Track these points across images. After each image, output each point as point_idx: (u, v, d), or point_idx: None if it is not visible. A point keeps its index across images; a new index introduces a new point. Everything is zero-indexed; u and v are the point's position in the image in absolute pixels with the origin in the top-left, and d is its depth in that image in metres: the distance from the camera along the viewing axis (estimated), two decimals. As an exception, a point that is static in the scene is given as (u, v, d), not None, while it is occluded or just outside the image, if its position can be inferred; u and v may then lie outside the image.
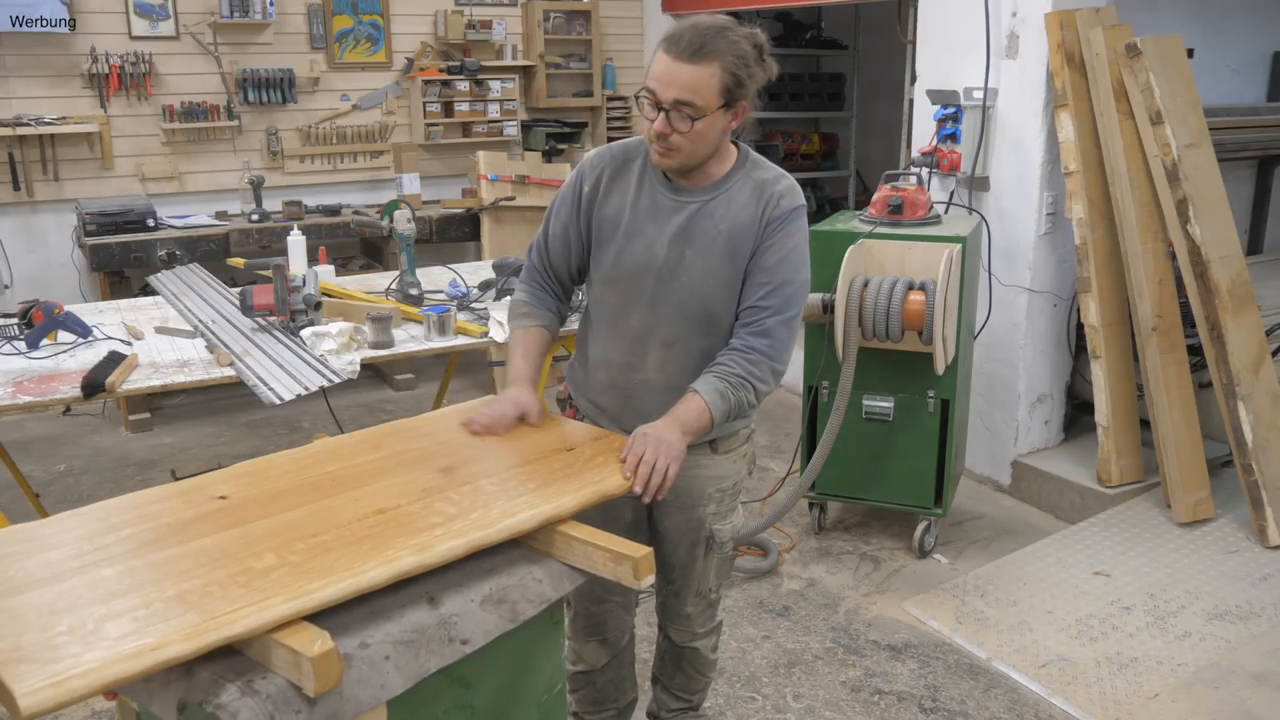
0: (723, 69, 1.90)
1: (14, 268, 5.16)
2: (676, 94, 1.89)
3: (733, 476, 2.25)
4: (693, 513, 2.22)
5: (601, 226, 2.12)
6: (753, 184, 2.05)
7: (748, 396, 2.01)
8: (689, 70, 1.88)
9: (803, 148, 7.08)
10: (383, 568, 1.50)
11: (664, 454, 1.87)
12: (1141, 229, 3.80)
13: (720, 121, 1.96)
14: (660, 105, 1.91)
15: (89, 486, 4.39)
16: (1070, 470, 4.13)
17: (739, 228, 2.03)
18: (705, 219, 2.04)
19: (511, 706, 1.69)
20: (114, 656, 1.27)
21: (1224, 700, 2.87)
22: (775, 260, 2.02)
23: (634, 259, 2.08)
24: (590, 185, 2.13)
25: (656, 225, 2.06)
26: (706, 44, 1.88)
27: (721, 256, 2.04)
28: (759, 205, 2.03)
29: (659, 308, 2.08)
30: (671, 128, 1.92)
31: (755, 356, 2.01)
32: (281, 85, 5.53)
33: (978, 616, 3.31)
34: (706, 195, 2.05)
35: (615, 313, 2.14)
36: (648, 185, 2.09)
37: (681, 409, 1.97)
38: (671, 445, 1.90)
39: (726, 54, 1.90)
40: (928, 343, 3.31)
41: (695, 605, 2.35)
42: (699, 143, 1.95)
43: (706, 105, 1.91)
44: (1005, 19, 3.98)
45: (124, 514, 1.67)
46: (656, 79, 1.91)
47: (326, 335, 3.17)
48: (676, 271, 2.05)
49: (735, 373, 2.00)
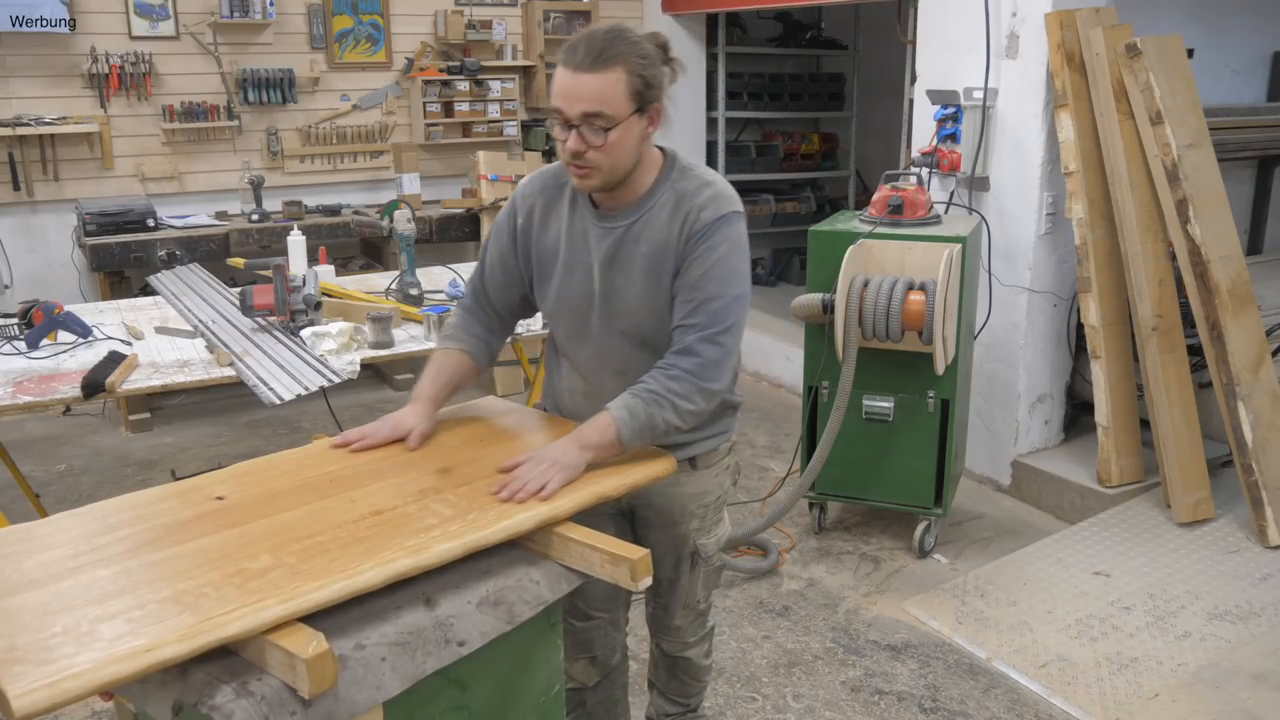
0: (628, 72, 1.81)
1: (14, 268, 5.17)
2: (584, 106, 1.80)
3: (715, 491, 2.21)
4: (675, 529, 2.19)
5: (541, 259, 2.05)
6: (675, 198, 1.95)
7: (664, 415, 1.90)
8: (592, 79, 1.79)
9: (803, 148, 7.06)
10: (379, 569, 1.49)
11: (542, 473, 1.79)
12: (1141, 229, 3.79)
13: (635, 128, 1.86)
14: (570, 123, 1.82)
15: (89, 486, 4.39)
16: (1070, 470, 4.13)
17: (657, 248, 1.94)
18: (630, 243, 1.96)
19: (508, 708, 1.69)
20: (108, 658, 1.27)
21: (1224, 700, 2.87)
22: (697, 276, 1.92)
23: (573, 291, 2.02)
24: (524, 218, 2.06)
25: (589, 254, 1.99)
26: (605, 50, 1.79)
27: (644, 280, 1.95)
28: (676, 221, 1.93)
29: (603, 338, 2.03)
30: (586, 144, 1.82)
31: (676, 373, 1.91)
32: (281, 85, 5.53)
33: (978, 616, 3.31)
34: (631, 217, 1.96)
35: (566, 345, 2.11)
36: (579, 212, 2.01)
37: (587, 425, 1.90)
38: (558, 463, 1.82)
39: (629, 56, 1.81)
40: (928, 343, 3.31)
41: (684, 617, 2.33)
42: (617, 155, 1.86)
43: (617, 113, 1.81)
44: (1005, 19, 3.98)
45: (121, 514, 1.67)
46: (560, 95, 1.81)
47: (326, 335, 3.17)
48: (611, 300, 1.99)
49: (651, 389, 1.91)
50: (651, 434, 1.92)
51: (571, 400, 2.16)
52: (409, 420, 1.99)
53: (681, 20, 6.33)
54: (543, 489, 1.76)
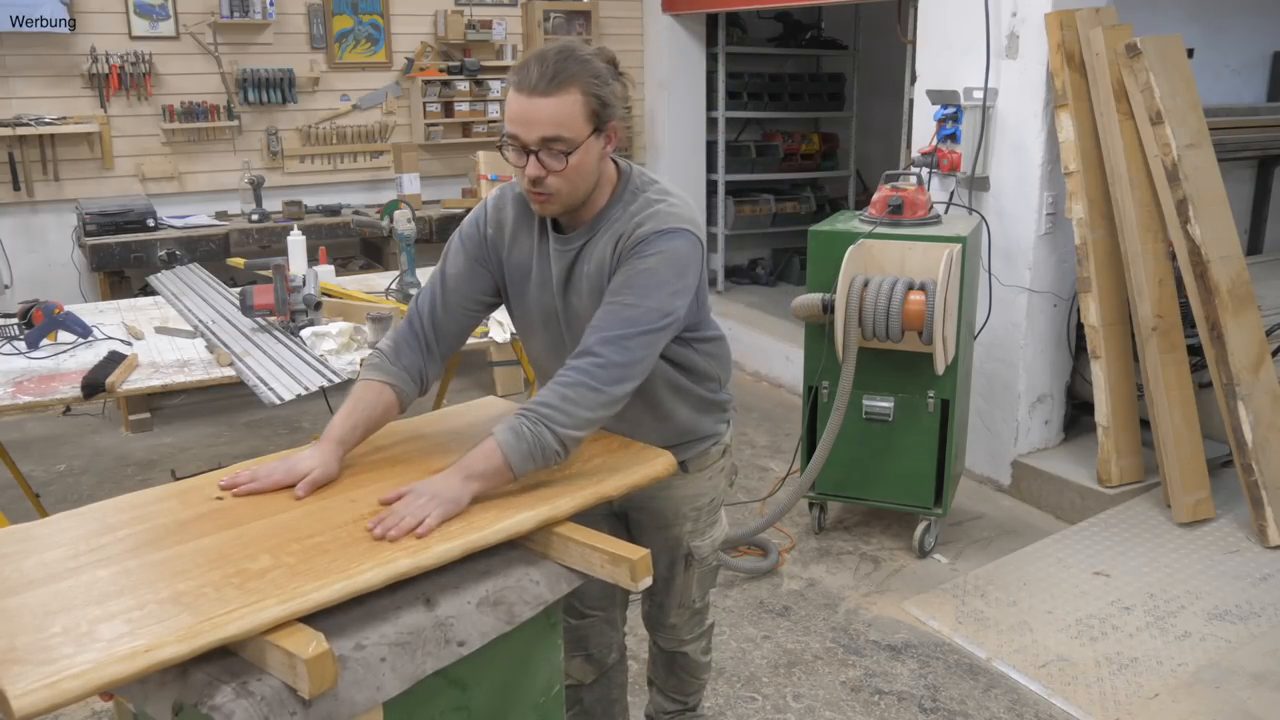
0: (583, 93, 1.76)
1: (14, 268, 5.17)
2: (542, 131, 1.75)
3: (709, 493, 2.19)
4: (669, 532, 2.18)
5: (514, 275, 2.01)
6: (624, 215, 1.89)
7: (557, 430, 1.75)
8: (548, 104, 1.74)
9: (803, 148, 7.06)
10: (378, 569, 1.49)
11: (419, 508, 1.64)
12: (1141, 229, 3.79)
13: (594, 149, 1.81)
14: (527, 148, 1.77)
15: (89, 486, 4.39)
16: (1070, 470, 4.13)
17: (598, 267, 1.90)
18: (582, 262, 1.92)
19: (508, 708, 1.69)
20: (108, 658, 1.27)
21: (1224, 700, 2.87)
22: (619, 283, 1.84)
23: (544, 309, 1.99)
24: (494, 230, 2.01)
25: (551, 273, 1.96)
26: (559, 72, 1.74)
27: (589, 298, 1.91)
28: (616, 238, 1.88)
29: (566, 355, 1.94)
30: (545, 169, 1.78)
31: (569, 378, 1.79)
32: (281, 85, 5.53)
33: (978, 616, 3.31)
34: (584, 237, 1.92)
35: (545, 362, 2.07)
36: (543, 231, 1.97)
37: (471, 454, 1.75)
38: (437, 497, 1.66)
39: (583, 76, 1.76)
40: (928, 343, 3.31)
41: (679, 616, 2.33)
42: (577, 179, 1.81)
43: (576, 135, 1.76)
44: (1005, 19, 3.98)
45: (120, 515, 1.67)
46: (516, 121, 1.76)
47: (326, 335, 3.17)
48: (571, 320, 1.97)
49: (542, 402, 1.78)
50: (543, 455, 1.75)
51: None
52: (306, 464, 1.78)
53: (681, 20, 6.33)
54: (419, 525, 1.61)
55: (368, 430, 1.90)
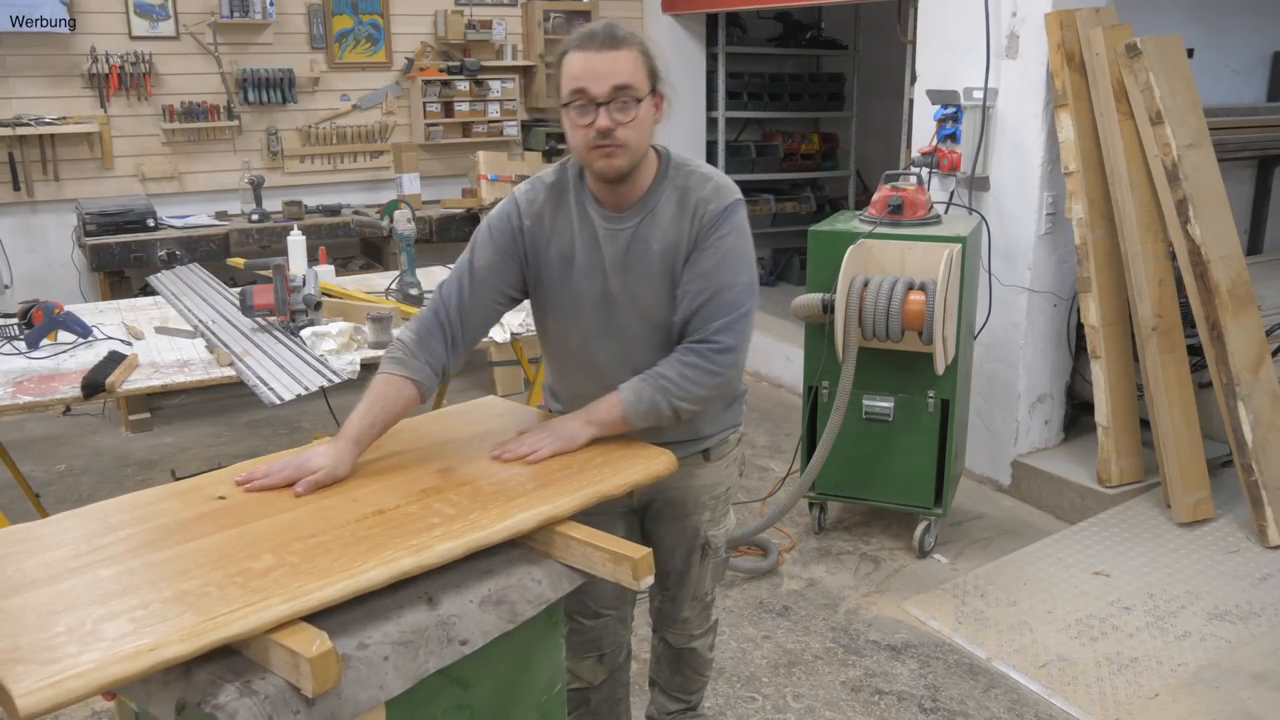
0: (640, 53, 1.89)
1: (14, 268, 5.17)
2: (613, 80, 1.84)
3: (725, 482, 2.24)
4: (687, 521, 2.21)
5: (552, 263, 2.03)
6: (677, 195, 1.98)
7: (672, 401, 1.94)
8: (615, 56, 1.85)
9: (803, 148, 7.07)
10: (381, 568, 1.49)
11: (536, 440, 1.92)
12: (1141, 229, 3.79)
13: (650, 111, 1.91)
14: (596, 101, 1.85)
15: (89, 486, 4.39)
16: (1070, 470, 4.13)
17: (669, 245, 1.97)
18: (639, 242, 1.98)
19: (510, 707, 1.69)
20: (112, 657, 1.27)
21: (1224, 700, 2.87)
22: (710, 265, 1.96)
23: (590, 293, 2.01)
24: (531, 221, 2.03)
25: (601, 255, 2.00)
26: (617, 34, 1.88)
27: (661, 276, 1.99)
28: (685, 216, 1.97)
29: (622, 338, 2.03)
30: (614, 120, 1.85)
31: (692, 359, 1.96)
32: (281, 85, 5.53)
33: (978, 616, 3.31)
34: (636, 216, 1.98)
35: (580, 349, 2.08)
36: (585, 216, 2.01)
37: (596, 403, 1.99)
38: (561, 432, 1.94)
39: (637, 41, 1.91)
40: (928, 343, 3.31)
41: (691, 609, 2.35)
42: (641, 132, 1.89)
43: (641, 87, 1.87)
44: (1005, 19, 3.98)
45: (122, 514, 1.67)
46: (586, 77, 1.85)
47: (326, 335, 3.17)
48: (627, 300, 2.00)
49: (663, 374, 1.96)
50: (656, 417, 1.96)
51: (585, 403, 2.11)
52: (316, 462, 1.80)
53: (681, 20, 6.33)
54: (532, 453, 1.88)
55: (384, 428, 1.93)
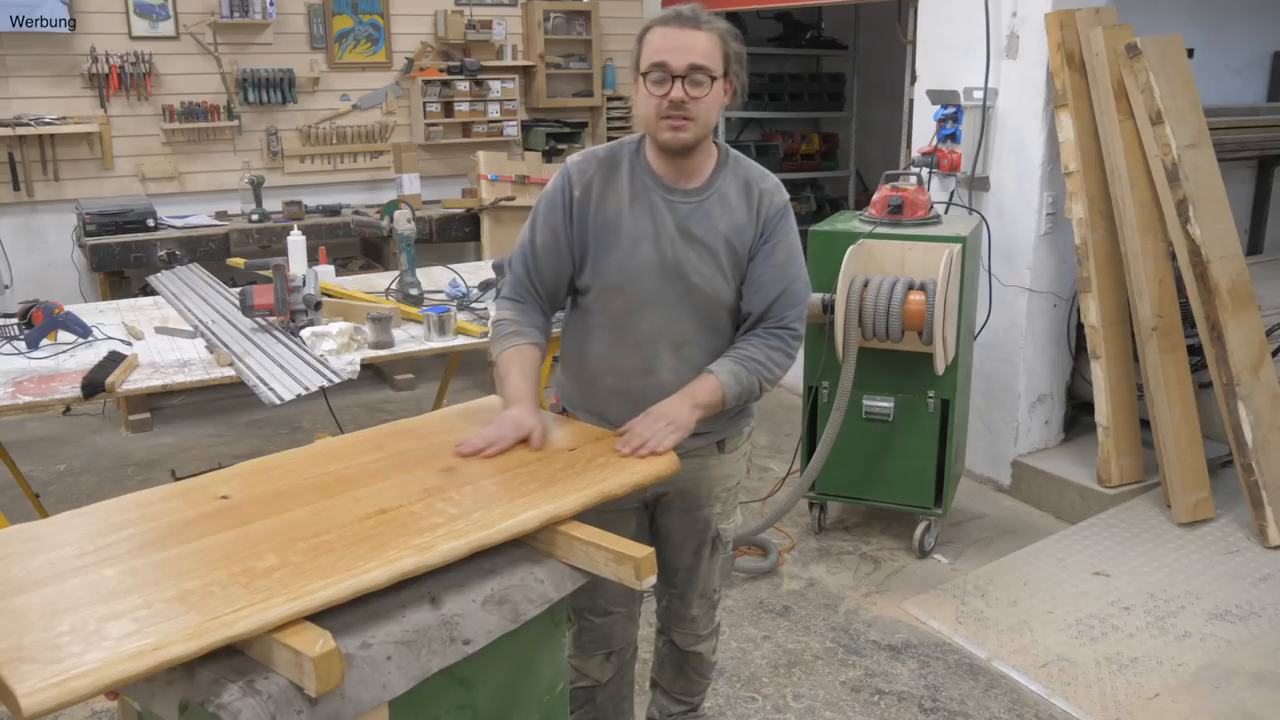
0: (720, 38, 1.96)
1: (14, 268, 5.16)
2: (691, 58, 1.91)
3: (736, 475, 2.28)
4: (699, 513, 2.23)
5: (601, 232, 2.07)
6: (740, 182, 2.08)
7: (760, 381, 2.06)
8: (700, 35, 1.93)
9: (803, 148, 7.07)
10: (384, 568, 1.49)
11: (660, 430, 1.94)
12: (1141, 229, 3.80)
13: (721, 92, 1.99)
14: (673, 74, 1.92)
15: (89, 486, 4.39)
16: (1070, 470, 4.13)
17: (737, 226, 2.06)
18: (704, 218, 2.05)
19: (513, 707, 1.69)
20: (115, 656, 1.27)
21: (1224, 700, 2.87)
22: (784, 258, 2.08)
23: (640, 262, 2.05)
24: (581, 191, 2.08)
25: (657, 226, 2.05)
26: (702, 16, 1.95)
27: (726, 255, 2.06)
28: (751, 204, 2.07)
29: (669, 310, 2.07)
30: (688, 94, 1.92)
31: (776, 343, 2.08)
32: (281, 85, 5.53)
33: (978, 616, 3.31)
34: (703, 194, 2.06)
35: (622, 318, 2.10)
36: (642, 186, 2.06)
37: (695, 386, 2.03)
38: (676, 420, 1.96)
39: (721, 25, 1.97)
40: (928, 343, 3.31)
41: (700, 607, 2.35)
42: (710, 111, 1.97)
43: (715, 68, 1.94)
44: (1005, 19, 3.99)
45: (125, 514, 1.67)
46: (667, 50, 1.92)
47: (326, 335, 3.17)
48: (684, 272, 2.05)
49: (753, 357, 2.05)
50: (749, 398, 2.08)
51: (613, 380, 2.14)
52: (530, 420, 1.95)
53: (681, 20, 6.32)
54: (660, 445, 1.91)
55: (539, 382, 2.11)
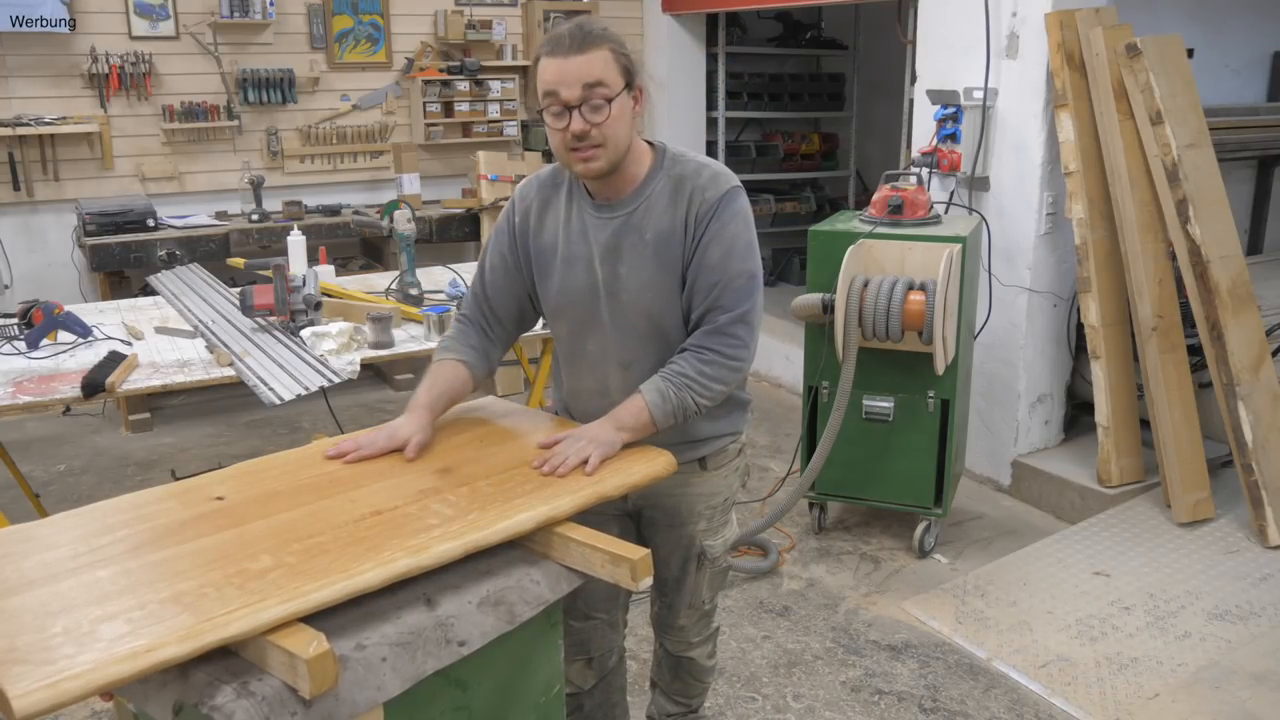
0: (612, 52, 1.88)
1: (14, 268, 5.17)
2: (583, 80, 1.84)
3: (724, 492, 2.22)
4: (682, 530, 2.19)
5: (540, 257, 2.07)
6: (672, 184, 1.99)
7: (694, 397, 1.97)
8: (584, 59, 1.84)
9: (803, 148, 7.06)
10: (379, 569, 1.49)
11: (581, 449, 1.88)
12: (1141, 229, 3.79)
13: (628, 105, 1.91)
14: (568, 106, 1.85)
15: (89, 486, 4.39)
16: (1070, 470, 4.13)
17: (663, 233, 1.97)
18: (631, 231, 1.98)
19: (509, 708, 1.69)
20: (109, 658, 1.27)
21: (1224, 700, 2.87)
22: (718, 256, 1.96)
23: (574, 284, 2.03)
24: (520, 217, 2.09)
25: (588, 246, 2.01)
26: (587, 36, 1.87)
27: (654, 267, 1.98)
28: (680, 204, 1.97)
29: (609, 330, 2.03)
30: (588, 122, 1.85)
31: (708, 355, 1.97)
32: (281, 85, 5.53)
33: (978, 616, 3.31)
34: (630, 206, 1.99)
35: (570, 342, 2.10)
36: (576, 207, 2.04)
37: (621, 408, 1.97)
38: (595, 440, 1.91)
39: (608, 38, 1.89)
40: (928, 343, 3.31)
41: (689, 618, 2.33)
42: (618, 130, 1.89)
43: (613, 84, 1.86)
44: (1005, 19, 3.98)
45: (120, 515, 1.67)
46: (556, 81, 1.84)
47: (326, 335, 3.17)
48: (615, 290, 2.00)
49: (682, 372, 1.97)
50: (682, 415, 1.98)
51: (581, 401, 2.15)
52: (406, 430, 1.93)
53: (681, 20, 6.33)
54: (585, 462, 1.85)
55: (450, 400, 2.06)
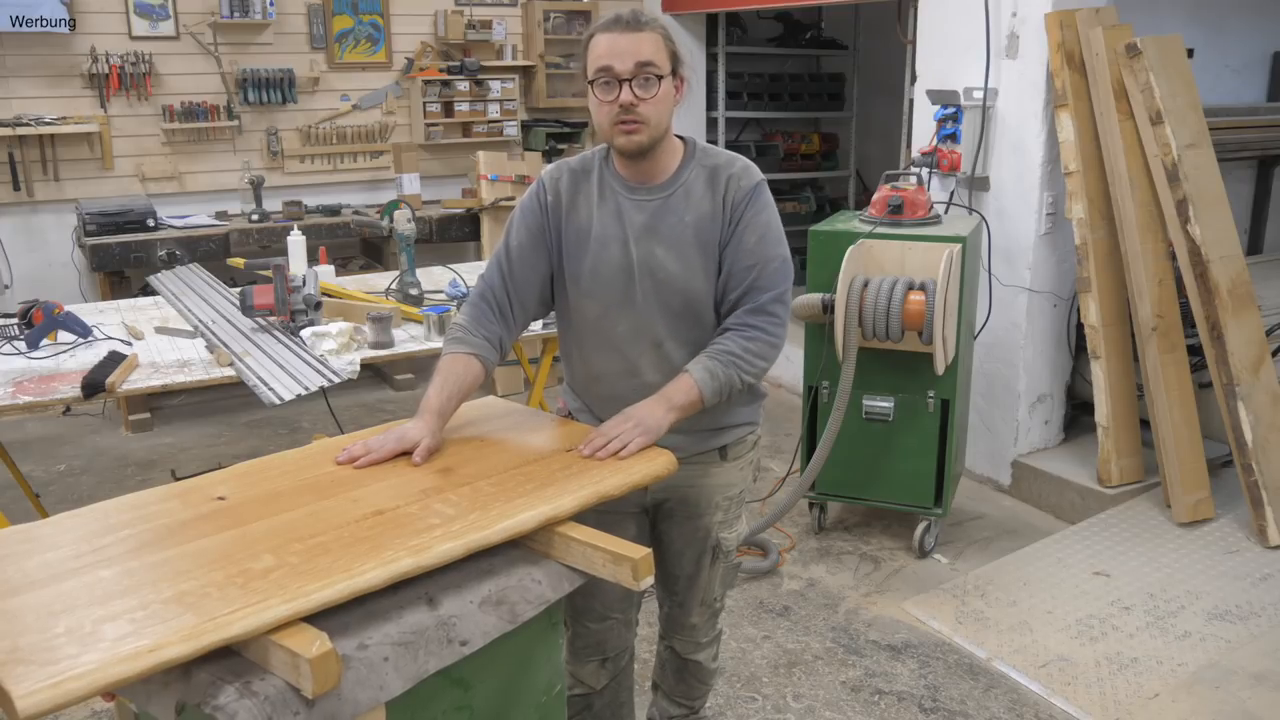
0: (662, 37, 1.97)
1: (14, 268, 5.16)
2: (638, 57, 1.91)
3: (739, 484, 2.25)
4: (700, 521, 2.21)
5: (572, 238, 2.09)
6: (706, 173, 2.06)
7: (739, 375, 2.02)
8: (639, 37, 1.93)
9: (803, 148, 7.06)
10: (381, 569, 1.49)
11: (627, 431, 1.93)
12: (1141, 229, 3.79)
13: (671, 89, 1.98)
14: (620, 78, 1.92)
15: (89, 487, 4.39)
16: (1070, 470, 4.13)
17: (703, 217, 2.04)
18: (669, 214, 2.04)
19: (510, 708, 1.69)
20: (111, 658, 1.27)
21: (1224, 700, 2.87)
22: (755, 240, 2.04)
23: (609, 264, 2.06)
24: (552, 196, 2.11)
25: (623, 227, 2.05)
26: (643, 17, 1.96)
27: (693, 248, 2.04)
28: (718, 190, 2.05)
29: (642, 310, 2.06)
30: (637, 96, 1.92)
31: (752, 333, 2.04)
32: (281, 85, 5.53)
33: (978, 616, 3.31)
34: (668, 190, 2.05)
35: (600, 322, 2.11)
36: (609, 190, 2.08)
37: (670, 387, 2.01)
38: (644, 422, 1.95)
39: (660, 26, 1.98)
40: (928, 343, 3.31)
41: (700, 615, 2.34)
42: (662, 110, 1.96)
43: (662, 66, 1.95)
44: (1005, 19, 3.98)
45: (122, 515, 1.67)
46: (610, 55, 1.92)
47: (326, 335, 3.17)
48: (652, 270, 2.04)
49: (727, 350, 2.02)
50: (728, 392, 2.03)
51: (606, 384, 2.14)
52: (415, 433, 1.93)
53: (681, 20, 6.32)
54: (623, 448, 1.90)
55: (460, 400, 2.05)
